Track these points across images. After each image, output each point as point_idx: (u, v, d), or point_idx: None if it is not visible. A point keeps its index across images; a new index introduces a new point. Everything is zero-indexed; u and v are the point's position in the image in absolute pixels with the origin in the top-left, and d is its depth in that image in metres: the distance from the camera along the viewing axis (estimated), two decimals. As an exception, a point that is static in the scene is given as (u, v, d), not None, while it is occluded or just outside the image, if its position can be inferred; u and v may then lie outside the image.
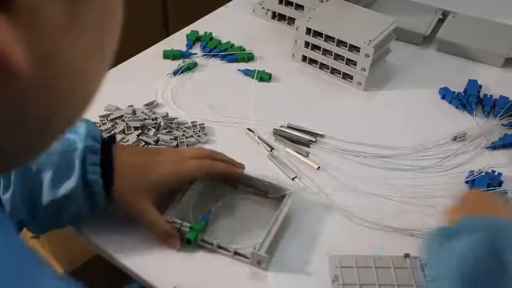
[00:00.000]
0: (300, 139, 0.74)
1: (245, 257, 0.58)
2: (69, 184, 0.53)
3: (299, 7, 0.97)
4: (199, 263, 0.58)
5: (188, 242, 0.58)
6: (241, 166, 0.65)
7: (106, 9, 0.24)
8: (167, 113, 0.77)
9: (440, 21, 0.99)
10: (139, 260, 0.58)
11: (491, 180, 0.68)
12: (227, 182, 0.66)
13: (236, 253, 0.58)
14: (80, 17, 0.22)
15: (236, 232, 0.61)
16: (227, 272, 0.57)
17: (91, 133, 0.56)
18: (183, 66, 0.87)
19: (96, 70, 0.26)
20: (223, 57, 0.91)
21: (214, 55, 0.92)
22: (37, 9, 0.20)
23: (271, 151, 0.73)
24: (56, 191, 0.53)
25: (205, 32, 0.96)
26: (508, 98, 0.82)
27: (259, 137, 0.74)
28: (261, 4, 1.02)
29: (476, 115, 0.81)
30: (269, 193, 0.65)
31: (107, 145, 0.57)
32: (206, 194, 0.64)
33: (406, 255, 0.58)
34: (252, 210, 0.64)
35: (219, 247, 0.58)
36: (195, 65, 0.89)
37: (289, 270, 0.58)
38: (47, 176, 0.53)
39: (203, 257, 0.58)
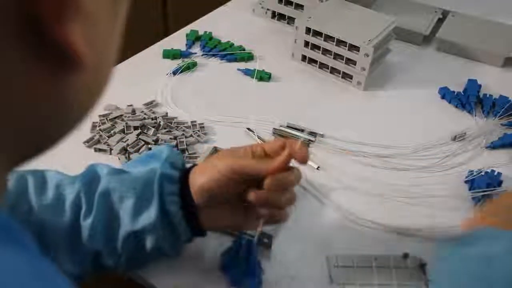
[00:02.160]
0: (299, 139, 0.74)
1: (249, 235, 0.58)
2: (149, 215, 0.49)
3: (299, 6, 0.97)
4: (199, 263, 0.58)
5: None
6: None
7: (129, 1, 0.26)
8: (167, 113, 0.77)
9: (440, 21, 0.99)
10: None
11: (491, 180, 0.68)
12: None
13: (241, 233, 0.59)
14: (118, 15, 0.24)
15: None
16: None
17: (170, 159, 0.51)
18: (182, 65, 0.87)
19: (116, 56, 0.27)
20: (222, 57, 0.91)
21: (213, 55, 0.92)
22: (95, 11, 0.22)
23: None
24: (136, 222, 0.49)
25: (205, 32, 0.96)
26: (508, 98, 0.82)
27: (258, 137, 0.74)
28: (260, 4, 1.02)
29: (475, 115, 0.81)
30: None
31: (188, 173, 0.52)
32: None
33: (405, 255, 0.58)
34: None
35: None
36: (194, 64, 0.89)
37: (287, 269, 0.58)
38: (128, 205, 0.49)
39: (204, 257, 0.58)
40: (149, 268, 0.56)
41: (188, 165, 0.54)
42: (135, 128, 0.73)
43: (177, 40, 0.95)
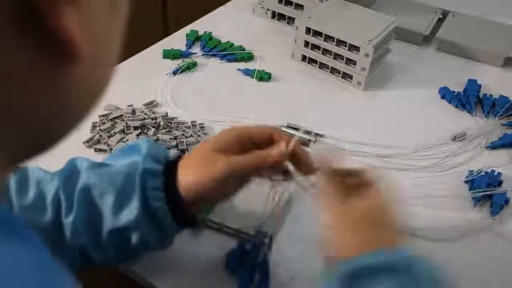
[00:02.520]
0: (300, 139, 0.74)
1: (249, 235, 0.59)
2: (131, 211, 0.48)
3: (299, 6, 0.97)
4: (200, 263, 0.58)
5: None
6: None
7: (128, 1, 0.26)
8: (167, 113, 0.77)
9: (440, 21, 0.99)
10: (140, 260, 0.57)
11: (491, 180, 0.68)
12: None
13: (241, 232, 0.59)
14: (118, 9, 0.25)
15: (241, 213, 0.62)
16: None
17: (151, 153, 0.49)
18: (182, 65, 0.87)
19: (117, 57, 0.27)
20: (222, 57, 0.91)
21: (213, 55, 0.92)
22: (92, 2, 0.22)
23: (270, 150, 0.73)
24: (117, 218, 0.48)
25: (205, 32, 0.96)
26: (508, 97, 0.82)
27: (258, 137, 0.74)
28: (260, 4, 1.02)
29: (475, 115, 0.81)
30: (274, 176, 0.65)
31: (173, 165, 0.50)
32: None
33: None
34: (256, 192, 0.65)
35: (225, 226, 0.59)
36: (194, 64, 0.89)
37: (287, 269, 0.58)
38: (109, 201, 0.48)
39: (204, 257, 0.58)
40: (149, 268, 0.56)
41: (172, 154, 0.52)
42: (135, 128, 0.73)
43: (177, 40, 0.95)
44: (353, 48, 0.82)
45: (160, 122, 0.74)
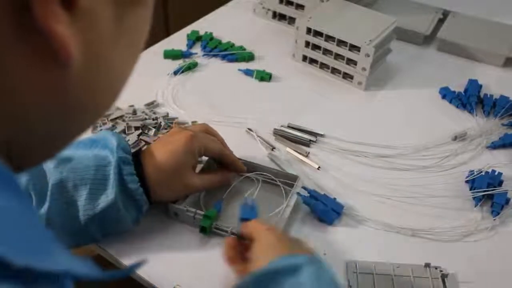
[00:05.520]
0: (300, 139, 0.74)
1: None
2: (108, 197, 0.54)
3: (300, 6, 0.97)
4: (200, 263, 0.58)
5: (203, 230, 0.59)
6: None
7: (145, 15, 0.27)
8: (168, 113, 0.77)
9: (441, 21, 0.99)
10: (140, 260, 0.58)
11: (491, 180, 0.68)
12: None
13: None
14: (124, 21, 0.25)
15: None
16: (227, 272, 0.57)
17: (122, 146, 0.56)
18: (183, 66, 0.87)
19: (128, 69, 0.29)
20: (223, 57, 0.91)
21: (214, 55, 0.92)
22: (93, 12, 0.23)
23: (271, 151, 0.73)
24: (94, 205, 0.54)
25: (206, 32, 0.96)
26: (509, 97, 0.82)
27: (259, 137, 0.74)
28: (261, 4, 1.02)
29: (476, 115, 0.81)
30: (278, 180, 0.65)
31: (135, 155, 0.58)
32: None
33: (427, 265, 0.57)
34: (261, 197, 0.65)
35: (233, 233, 0.59)
36: (195, 65, 0.89)
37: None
38: (84, 192, 0.53)
39: (204, 257, 0.58)
40: (149, 268, 0.57)
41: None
42: (136, 128, 0.73)
43: (178, 40, 0.95)
44: (354, 48, 0.82)
45: (161, 122, 0.74)
